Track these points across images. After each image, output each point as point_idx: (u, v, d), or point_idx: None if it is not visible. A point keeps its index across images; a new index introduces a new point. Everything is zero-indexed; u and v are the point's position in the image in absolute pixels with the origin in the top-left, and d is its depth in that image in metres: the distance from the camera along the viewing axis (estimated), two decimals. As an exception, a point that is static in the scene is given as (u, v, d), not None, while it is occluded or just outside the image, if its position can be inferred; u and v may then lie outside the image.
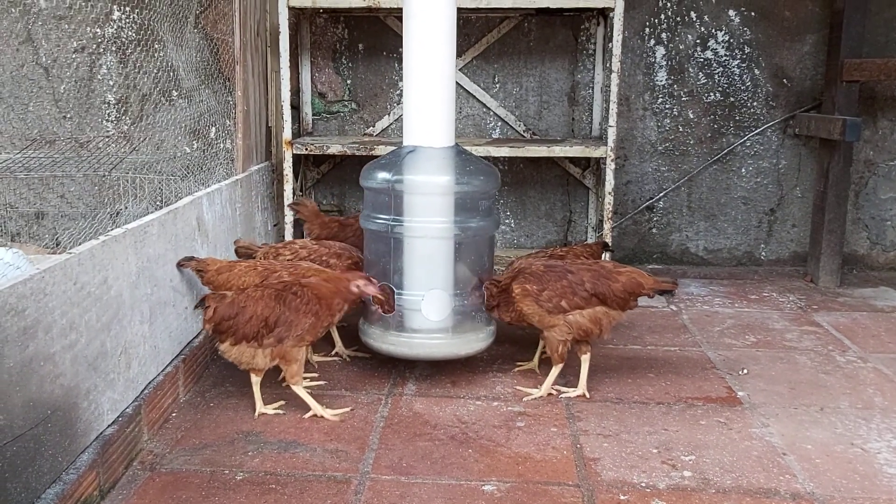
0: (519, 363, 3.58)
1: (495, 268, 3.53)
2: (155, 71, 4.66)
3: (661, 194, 5.23)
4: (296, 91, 5.07)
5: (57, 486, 2.21)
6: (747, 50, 5.04)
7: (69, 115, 4.93)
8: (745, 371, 3.53)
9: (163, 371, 3.01)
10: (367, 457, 2.74)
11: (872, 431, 2.97)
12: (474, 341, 3.42)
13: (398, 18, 4.94)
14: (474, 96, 5.13)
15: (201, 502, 2.45)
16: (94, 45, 4.87)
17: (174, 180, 4.23)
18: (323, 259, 3.56)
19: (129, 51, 4.79)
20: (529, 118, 5.17)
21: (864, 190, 5.19)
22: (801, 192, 5.19)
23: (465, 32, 5.04)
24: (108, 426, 2.55)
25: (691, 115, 5.14)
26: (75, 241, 3.77)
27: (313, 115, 5.21)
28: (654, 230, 5.29)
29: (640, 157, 5.19)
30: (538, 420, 3.04)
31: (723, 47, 5.04)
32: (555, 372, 3.26)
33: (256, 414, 3.06)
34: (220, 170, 4.17)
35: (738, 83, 5.08)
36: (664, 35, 5.05)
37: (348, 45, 5.13)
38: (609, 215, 4.61)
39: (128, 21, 4.82)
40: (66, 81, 4.89)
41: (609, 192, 4.58)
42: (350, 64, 5.15)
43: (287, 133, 4.58)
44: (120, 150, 4.77)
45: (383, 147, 4.48)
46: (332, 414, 3.03)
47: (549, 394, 3.26)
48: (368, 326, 3.44)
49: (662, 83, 5.10)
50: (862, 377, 3.48)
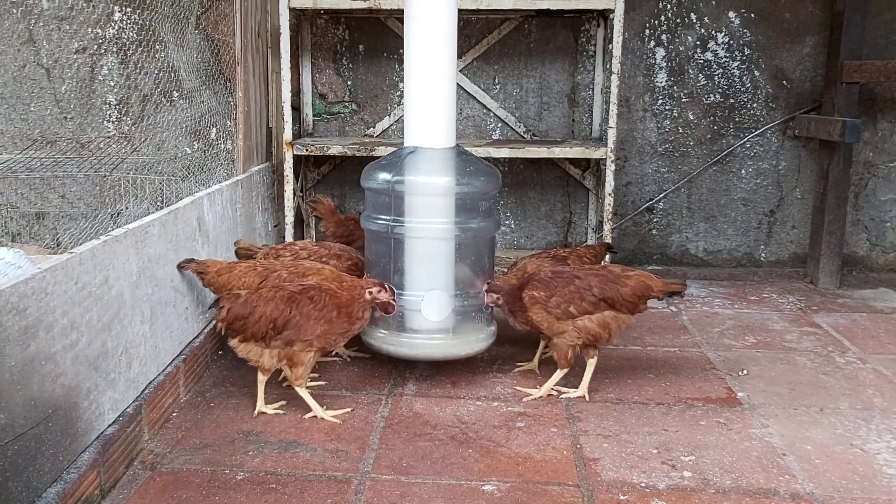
0: (519, 364, 3.59)
1: (496, 269, 3.53)
2: (156, 72, 4.67)
3: (661, 195, 5.23)
4: (296, 92, 5.08)
5: (58, 485, 2.22)
6: (747, 51, 5.05)
7: (70, 116, 4.94)
8: (744, 372, 3.54)
9: (163, 371, 3.02)
10: (367, 457, 2.75)
11: (872, 432, 2.97)
12: (474, 342, 3.42)
13: (399, 20, 4.95)
14: (475, 97, 5.14)
15: (202, 502, 2.45)
16: (96, 46, 4.87)
17: (175, 181, 4.24)
18: (323, 260, 3.57)
19: (131, 52, 4.80)
20: (530, 119, 5.17)
21: (864, 191, 5.20)
22: (801, 194, 5.20)
23: (466, 34, 5.05)
24: (109, 426, 2.56)
25: (691, 117, 5.15)
26: (76, 241, 3.78)
27: (314, 116, 5.22)
28: (654, 231, 5.30)
29: (640, 158, 5.20)
30: (538, 420, 3.05)
31: (723, 49, 5.05)
32: (558, 375, 3.26)
33: (256, 412, 3.06)
34: (220, 170, 4.18)
35: (738, 85, 5.09)
36: (664, 37, 5.06)
37: (349, 46, 5.14)
38: (609, 216, 4.62)
39: (129, 22, 4.83)
40: (68, 82, 4.90)
41: (609, 194, 4.58)
42: (351, 65, 5.16)
43: (288, 134, 4.59)
44: (121, 150, 4.78)
45: (384, 148, 4.49)
46: (332, 416, 3.03)
47: (549, 394, 3.26)
48: (369, 327, 3.44)
49: (662, 85, 5.11)
50: (861, 378, 3.49)
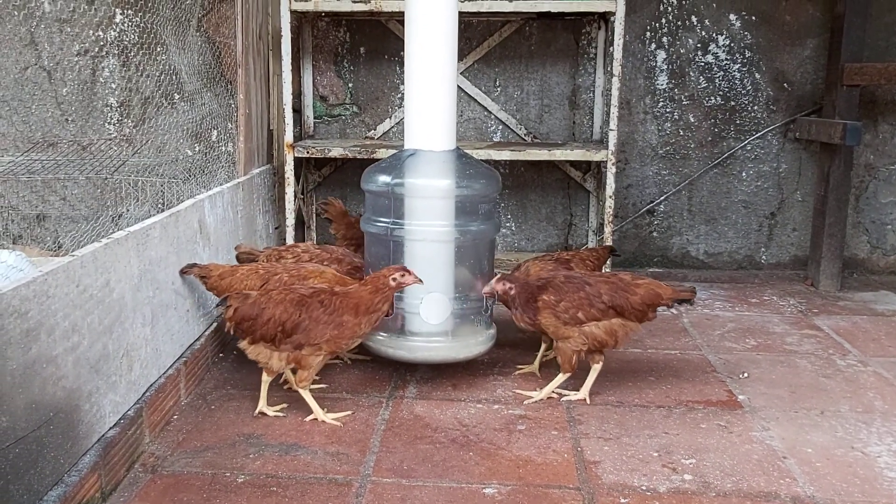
0: (520, 366, 3.59)
1: (496, 271, 3.53)
2: (157, 74, 4.68)
3: (662, 198, 5.23)
4: (297, 94, 5.09)
5: (59, 488, 2.22)
6: (748, 54, 5.05)
7: (72, 118, 4.94)
8: (745, 375, 3.53)
9: (164, 373, 3.02)
10: (368, 459, 2.75)
11: (873, 435, 2.97)
12: (474, 345, 3.42)
13: (400, 22, 4.95)
14: (475, 100, 5.14)
15: (203, 505, 2.45)
16: (97, 49, 4.88)
17: (176, 183, 4.24)
18: (324, 263, 3.58)
19: (132, 54, 4.81)
20: (530, 122, 5.18)
21: (865, 194, 5.20)
22: (802, 196, 5.20)
23: (467, 36, 5.06)
24: (110, 428, 2.56)
25: (692, 119, 5.15)
26: (77, 244, 3.79)
27: (315, 118, 5.22)
28: (655, 234, 5.29)
29: (640, 160, 5.20)
30: (539, 423, 3.05)
31: (723, 51, 5.05)
32: (560, 379, 3.25)
33: (256, 411, 3.07)
34: (221, 173, 4.18)
35: (739, 87, 5.09)
36: (665, 39, 5.06)
37: (350, 48, 5.14)
38: (610, 219, 4.62)
39: (130, 24, 4.83)
40: (69, 84, 4.91)
41: (610, 196, 4.59)
42: (352, 67, 5.17)
43: (288, 136, 4.59)
44: (122, 152, 4.79)
45: (385, 150, 4.50)
46: (333, 418, 3.03)
47: (550, 397, 3.26)
48: (369, 330, 3.44)
49: (663, 87, 5.11)
50: (862, 381, 3.48)
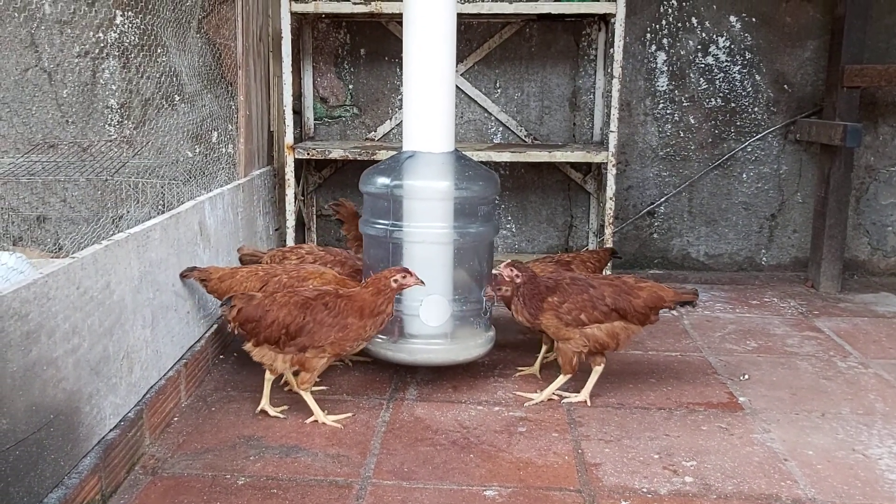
0: (520, 368, 3.58)
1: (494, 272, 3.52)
2: (157, 76, 4.68)
3: (663, 199, 5.23)
4: (298, 96, 5.09)
5: (59, 490, 2.22)
6: (748, 56, 5.05)
7: (72, 120, 4.94)
8: (746, 377, 3.53)
9: (165, 375, 3.02)
10: (368, 462, 2.74)
11: (874, 437, 2.97)
12: (473, 347, 3.41)
13: (400, 24, 4.94)
14: (476, 101, 5.14)
15: (203, 507, 2.45)
16: (97, 50, 4.88)
17: (176, 185, 4.24)
18: (328, 265, 3.58)
19: (132, 55, 4.81)
20: (531, 123, 5.18)
21: (865, 195, 5.20)
22: (802, 198, 5.20)
23: (467, 37, 5.06)
24: (111, 430, 2.56)
25: (692, 121, 5.15)
26: (78, 246, 3.79)
27: (315, 119, 5.22)
28: (656, 235, 5.29)
29: (641, 162, 5.20)
30: (539, 425, 3.04)
31: (724, 53, 5.05)
32: (561, 380, 3.25)
33: (258, 409, 3.07)
34: (222, 174, 4.18)
35: (739, 89, 5.09)
36: (665, 41, 5.06)
37: (350, 50, 5.14)
38: (610, 220, 4.62)
39: (131, 26, 4.83)
40: (70, 86, 4.91)
41: (610, 198, 4.59)
42: (352, 69, 5.17)
43: (289, 138, 4.59)
44: (122, 154, 4.79)
45: (385, 152, 4.49)
46: (334, 420, 3.03)
47: (550, 399, 3.26)
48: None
49: (663, 89, 5.11)
50: (863, 383, 3.48)
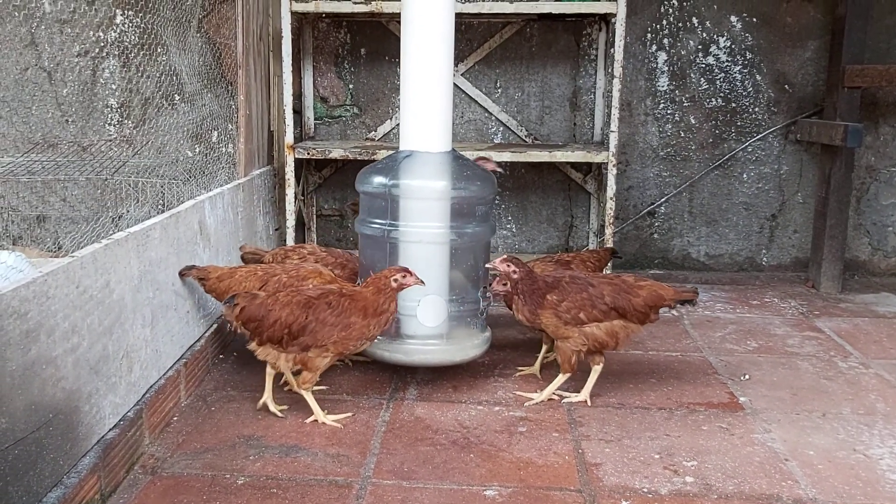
0: (520, 368, 3.58)
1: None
2: (157, 75, 4.67)
3: (663, 199, 5.23)
4: (298, 95, 5.08)
5: (58, 489, 2.21)
6: (749, 56, 5.04)
7: (72, 119, 4.94)
8: (746, 377, 3.53)
9: (164, 375, 3.01)
10: (368, 461, 2.74)
11: (875, 437, 2.96)
12: (469, 348, 3.41)
13: (400, 23, 4.94)
14: (476, 101, 5.14)
15: (202, 506, 2.44)
16: (97, 49, 4.88)
17: (176, 184, 4.23)
18: (328, 267, 3.58)
19: (132, 55, 4.80)
20: (531, 123, 5.17)
21: (866, 196, 5.19)
22: (803, 198, 5.19)
23: (468, 37, 5.05)
24: (110, 430, 2.55)
25: (693, 121, 5.14)
26: (78, 245, 3.78)
27: (315, 119, 5.22)
28: (656, 235, 5.29)
29: (641, 162, 5.20)
30: (540, 425, 3.04)
31: (724, 53, 5.05)
32: (560, 380, 3.25)
33: (260, 403, 3.08)
34: (221, 174, 4.17)
35: (740, 89, 5.09)
36: (666, 41, 5.06)
37: (350, 49, 5.14)
38: (611, 220, 4.61)
39: (131, 25, 4.83)
40: (69, 85, 4.90)
41: (611, 198, 4.58)
42: (352, 68, 5.16)
43: (289, 137, 4.59)
44: (122, 153, 4.78)
45: (385, 152, 4.49)
46: (334, 420, 3.03)
47: (551, 399, 3.25)
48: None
49: (664, 88, 5.11)
50: (864, 383, 3.48)
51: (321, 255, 3.69)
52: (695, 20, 5.03)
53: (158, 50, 4.51)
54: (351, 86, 5.18)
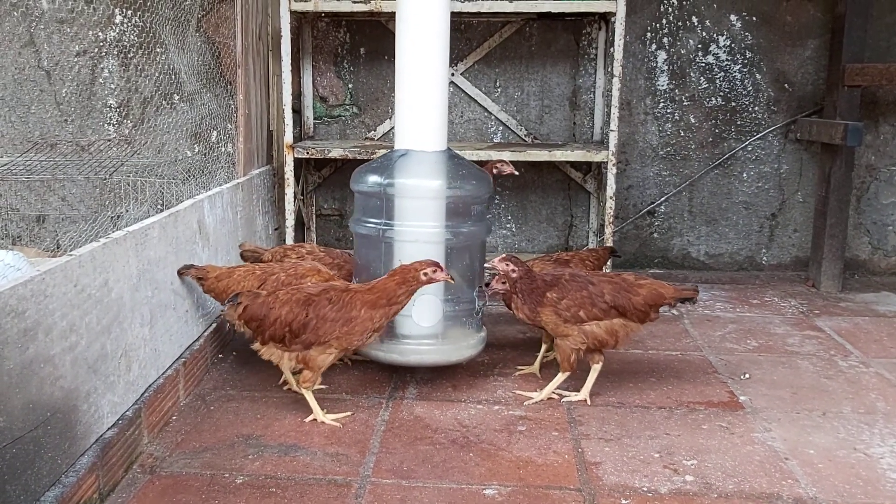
0: (520, 367, 3.57)
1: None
2: (156, 74, 4.67)
3: (663, 199, 5.22)
4: (297, 95, 5.08)
5: (56, 488, 2.21)
6: (749, 55, 5.04)
7: (71, 119, 4.93)
8: (746, 376, 3.52)
9: (163, 374, 3.01)
10: (367, 460, 2.73)
11: (875, 436, 2.96)
12: (465, 348, 3.40)
13: (400, 22, 4.94)
14: (476, 100, 5.13)
15: (201, 506, 2.44)
16: (96, 49, 4.87)
17: (175, 184, 4.23)
18: (326, 266, 3.57)
19: (131, 54, 4.80)
20: (531, 122, 5.17)
21: (866, 195, 5.19)
22: (803, 197, 5.19)
23: (467, 37, 5.05)
24: (108, 429, 2.55)
25: (693, 120, 5.14)
26: (76, 244, 3.77)
27: (315, 119, 5.21)
28: (656, 235, 5.28)
29: (641, 161, 5.19)
30: (539, 424, 3.03)
31: (724, 52, 5.05)
32: (560, 378, 3.24)
33: (281, 380, 3.26)
34: (221, 173, 4.17)
35: (740, 88, 5.08)
36: (665, 40, 5.05)
37: (350, 49, 5.13)
38: (610, 220, 4.61)
39: (130, 25, 4.82)
40: (68, 85, 4.90)
41: (610, 197, 4.58)
42: (352, 68, 5.16)
43: (288, 137, 4.58)
44: (121, 153, 4.78)
45: (384, 151, 4.48)
46: (333, 419, 3.02)
47: (550, 398, 3.25)
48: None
49: (664, 88, 5.10)
50: (864, 382, 3.47)
51: (319, 255, 3.69)
52: (694, 19, 5.02)
53: (157, 49, 4.51)
54: (350, 85, 5.18)
